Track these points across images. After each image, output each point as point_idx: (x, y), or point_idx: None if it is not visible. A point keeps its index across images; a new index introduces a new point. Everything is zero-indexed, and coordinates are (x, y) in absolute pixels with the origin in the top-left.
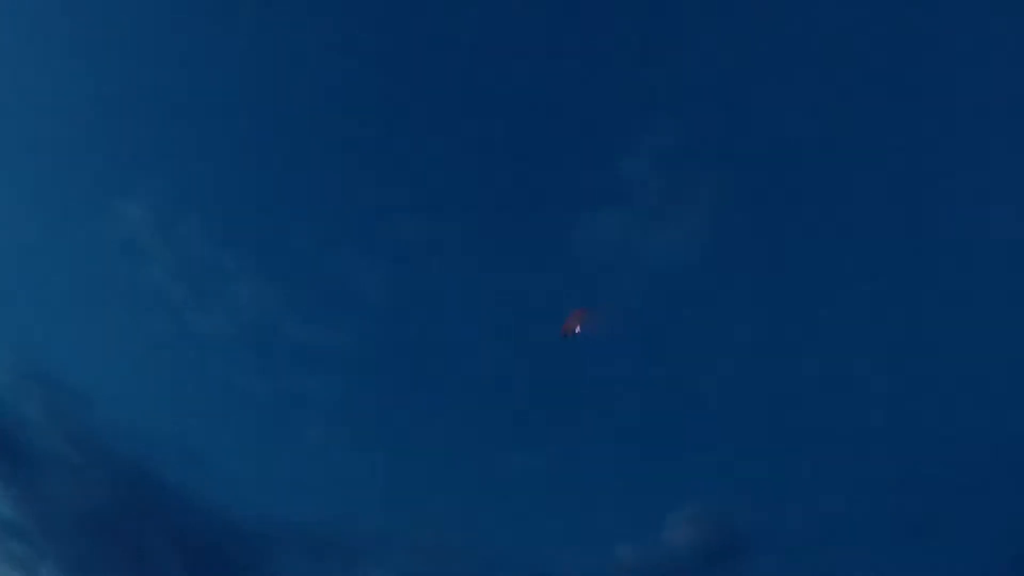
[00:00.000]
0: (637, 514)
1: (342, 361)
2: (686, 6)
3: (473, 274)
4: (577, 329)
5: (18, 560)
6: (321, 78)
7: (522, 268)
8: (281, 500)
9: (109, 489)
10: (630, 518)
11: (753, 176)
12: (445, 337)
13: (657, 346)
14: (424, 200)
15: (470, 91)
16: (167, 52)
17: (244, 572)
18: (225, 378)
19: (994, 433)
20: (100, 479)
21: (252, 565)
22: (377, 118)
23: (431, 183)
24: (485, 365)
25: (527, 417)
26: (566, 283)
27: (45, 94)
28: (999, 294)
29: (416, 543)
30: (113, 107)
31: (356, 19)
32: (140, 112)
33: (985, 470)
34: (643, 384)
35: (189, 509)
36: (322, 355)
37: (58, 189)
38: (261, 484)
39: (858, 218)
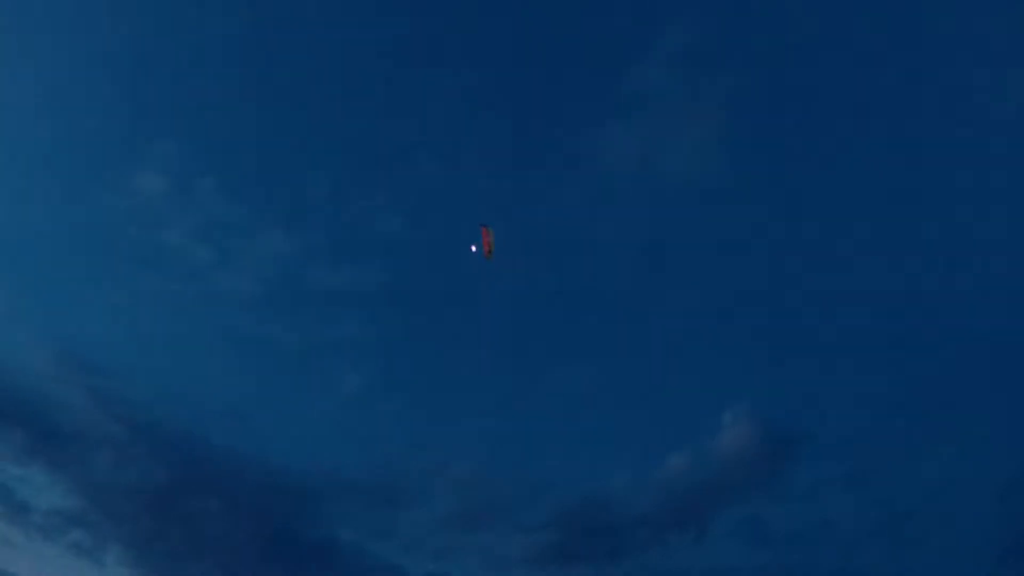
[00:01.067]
0: (685, 423)
1: (371, 303)
2: None
3: (493, 199)
4: (486, 246)
5: (83, 549)
6: (329, 17)
7: (544, 189)
8: (326, 449)
9: (160, 461)
10: (679, 427)
11: (767, 79)
12: (471, 268)
13: (683, 254)
14: (440, 135)
15: (478, 20)
16: (167, 16)
17: (298, 524)
18: (258, 334)
19: None
20: (150, 453)
21: (305, 517)
22: (386, 54)
23: (445, 117)
24: (514, 291)
25: (564, 335)
26: (587, 198)
27: (50, 74)
28: None
29: (462, 477)
30: (118, 79)
31: None
32: (145, 80)
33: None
34: (674, 293)
35: (239, 469)
36: (351, 299)
37: (69, 168)
38: (305, 435)
39: (878, 121)
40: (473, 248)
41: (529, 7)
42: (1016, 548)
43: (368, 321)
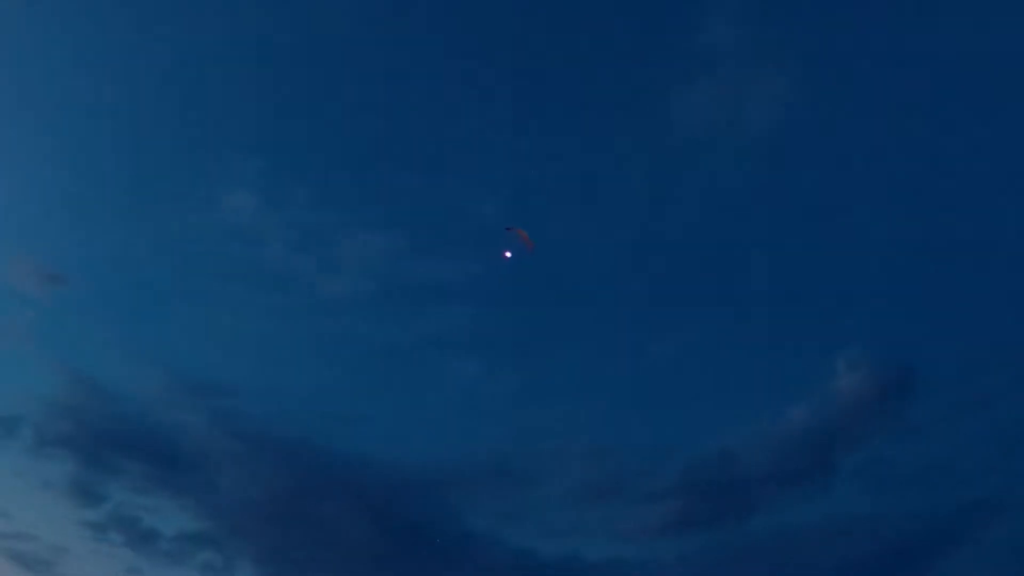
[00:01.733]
0: (799, 372)
1: (476, 291)
2: None
3: (579, 177)
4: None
5: (213, 569)
6: (400, 10)
7: (627, 159)
8: (446, 441)
9: (283, 472)
10: (793, 378)
11: (844, 28)
12: (567, 246)
13: (773, 207)
14: (520, 114)
15: None
16: (237, 37)
17: (425, 519)
18: (366, 335)
19: None
20: (272, 465)
21: (432, 510)
22: (456, 40)
23: (523, 96)
24: (611, 261)
25: (666, 298)
26: (670, 162)
27: (132, 100)
28: None
29: (584, 452)
30: (197, 103)
31: None
32: (223, 100)
33: None
34: (770, 245)
35: (362, 471)
36: (455, 290)
37: (160, 195)
38: (424, 430)
39: (973, 63)
40: (508, 254)
41: None
42: None
43: (474, 309)
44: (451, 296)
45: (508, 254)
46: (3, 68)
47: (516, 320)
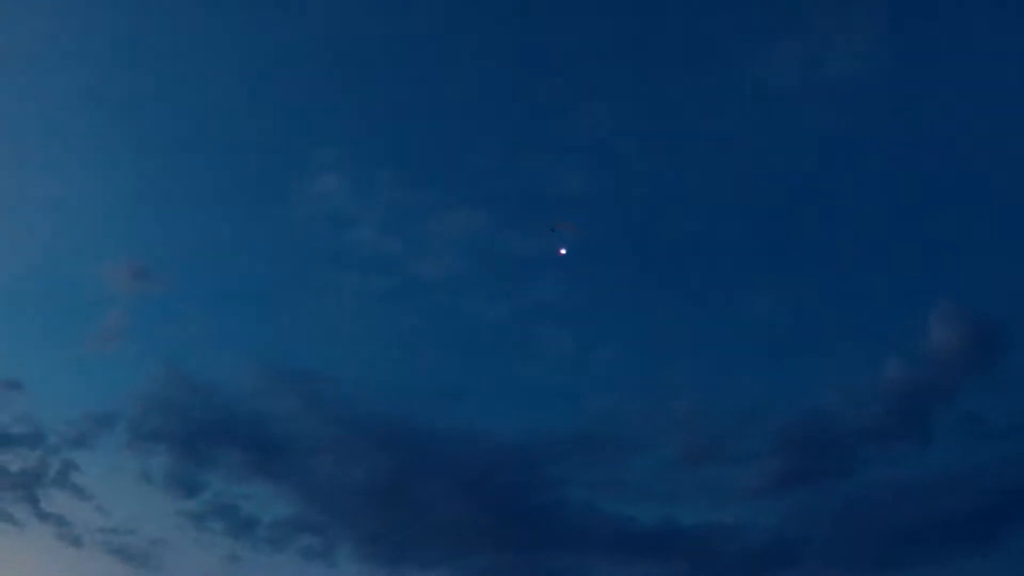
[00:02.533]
0: (893, 326)
1: (567, 262)
2: None
3: (665, 140)
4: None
5: (313, 553)
6: None
7: (710, 114)
8: (545, 413)
9: (381, 454)
10: (887, 332)
11: None
12: (654, 209)
13: (861, 160)
14: (603, 80)
15: None
16: (313, 22)
17: (526, 492)
18: (460, 312)
19: None
20: (370, 447)
21: (533, 483)
22: (544, 16)
23: (603, 61)
24: (700, 222)
25: (756, 257)
26: (757, 119)
27: (214, 94)
28: None
29: (681, 417)
30: (280, 90)
31: None
32: (304, 86)
33: None
34: (858, 197)
35: (461, 447)
36: (546, 262)
37: (246, 185)
38: (522, 403)
39: None
40: (563, 251)
41: None
42: None
43: (567, 279)
44: (544, 267)
45: (563, 251)
46: (87, 66)
47: (608, 288)
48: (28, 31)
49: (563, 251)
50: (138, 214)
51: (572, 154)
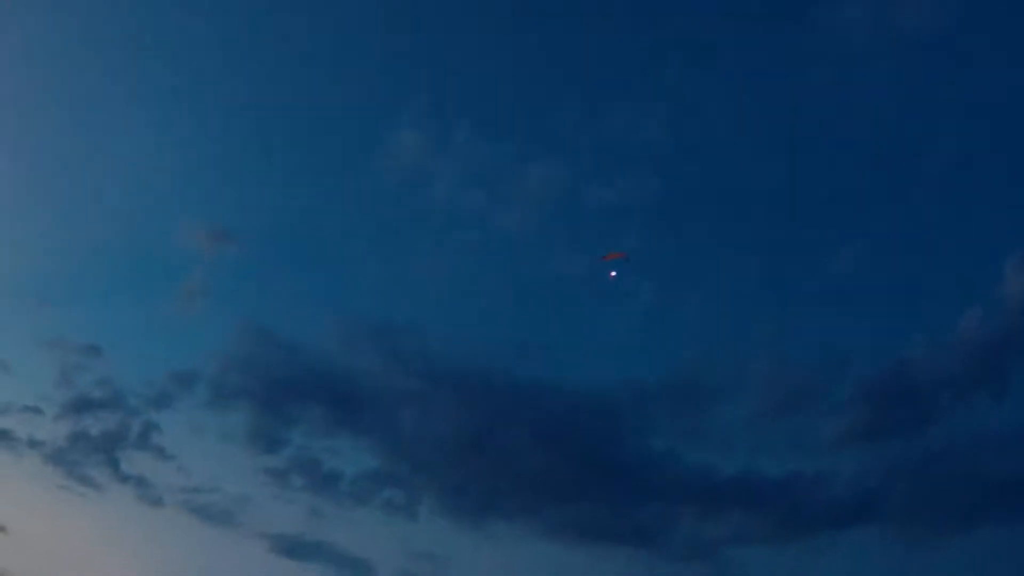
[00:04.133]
0: (971, 277)
1: (649, 212)
2: None
3: (740, 89)
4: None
5: (396, 506)
6: None
7: (785, 66)
8: (627, 364)
9: (463, 407)
10: (966, 282)
11: None
12: (733, 164)
13: (936, 109)
14: (681, 33)
15: None
16: None
17: (608, 442)
18: (542, 264)
19: None
20: (452, 401)
21: (615, 434)
22: None
23: (681, 15)
24: (777, 174)
25: (834, 207)
26: (830, 71)
27: (290, 52)
28: None
29: (763, 368)
30: (364, 45)
31: None
32: (384, 45)
33: None
34: (932, 148)
35: (544, 399)
36: (628, 212)
37: (328, 142)
38: (605, 354)
39: None
40: (613, 274)
41: None
42: None
43: (649, 231)
44: (626, 218)
45: (613, 273)
46: (166, 24)
47: (688, 239)
48: None
49: (613, 274)
50: (217, 175)
51: (652, 105)
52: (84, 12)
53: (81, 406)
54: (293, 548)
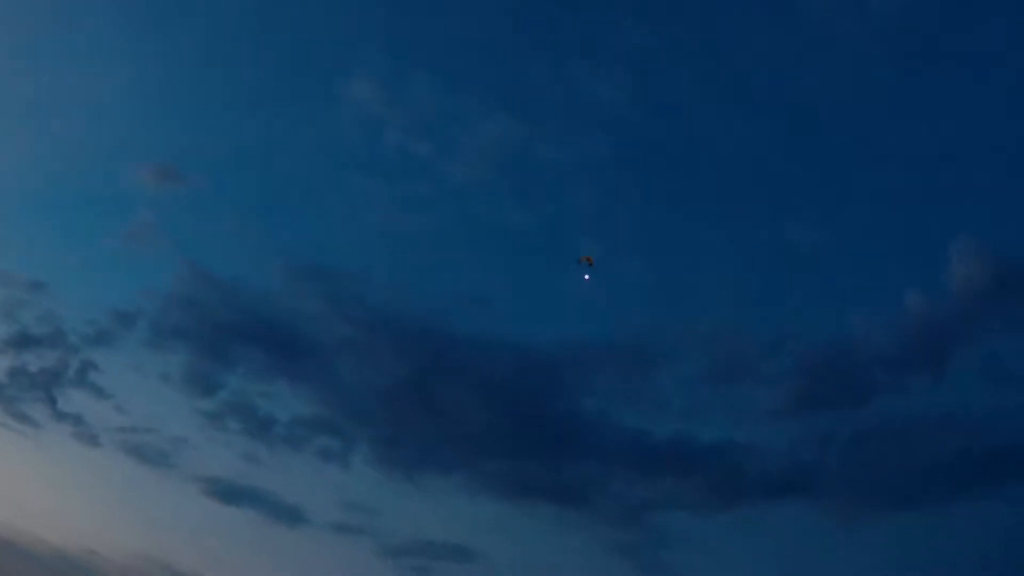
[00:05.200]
0: (915, 259)
1: (601, 173)
2: None
3: (703, 56)
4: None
5: (330, 454)
6: None
7: (754, 42)
8: (570, 323)
9: (402, 357)
10: (910, 264)
11: None
12: (695, 128)
13: (898, 92)
14: (646, 3)
15: None
16: None
17: (545, 400)
18: (489, 218)
19: None
20: (391, 350)
21: (552, 392)
22: None
23: None
24: (739, 144)
25: (789, 184)
26: (797, 47)
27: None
28: None
29: (706, 335)
30: None
31: None
32: None
33: None
34: (887, 131)
35: (483, 354)
36: (580, 172)
37: (280, 87)
38: (547, 312)
39: None
40: (587, 277)
41: None
42: None
43: (600, 191)
44: (577, 178)
45: (587, 277)
46: None
47: (643, 201)
48: None
49: (587, 277)
50: (166, 115)
51: (610, 66)
52: None
53: (21, 342)
54: (226, 492)
